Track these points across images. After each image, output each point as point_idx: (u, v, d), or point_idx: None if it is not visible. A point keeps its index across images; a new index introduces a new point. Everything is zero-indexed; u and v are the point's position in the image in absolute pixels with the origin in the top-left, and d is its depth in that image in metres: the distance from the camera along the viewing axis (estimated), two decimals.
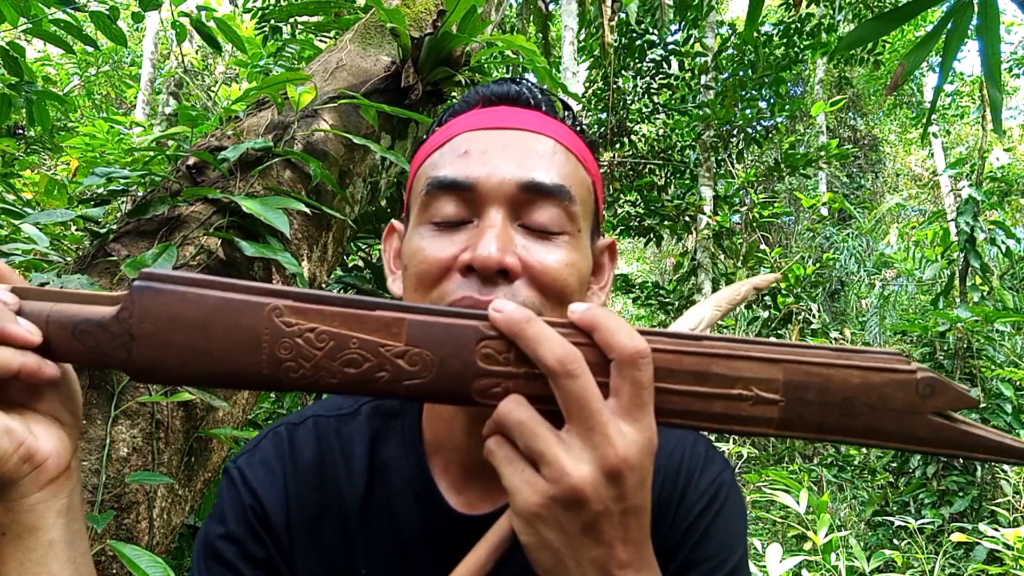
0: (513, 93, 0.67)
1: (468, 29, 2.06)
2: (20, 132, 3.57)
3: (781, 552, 2.70)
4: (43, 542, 0.50)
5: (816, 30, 7.58)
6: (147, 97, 7.89)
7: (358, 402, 0.73)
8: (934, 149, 14.17)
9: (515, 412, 0.46)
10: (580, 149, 0.67)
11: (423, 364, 0.47)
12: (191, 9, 2.62)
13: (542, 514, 0.46)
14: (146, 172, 1.79)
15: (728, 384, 0.47)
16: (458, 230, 0.60)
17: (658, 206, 7.62)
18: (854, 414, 0.46)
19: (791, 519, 4.12)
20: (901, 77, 1.41)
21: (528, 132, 0.64)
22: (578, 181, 0.64)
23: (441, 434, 0.68)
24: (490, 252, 0.56)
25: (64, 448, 0.51)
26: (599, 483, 0.45)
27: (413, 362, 0.47)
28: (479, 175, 0.60)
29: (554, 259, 0.59)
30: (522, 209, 0.60)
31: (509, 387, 0.47)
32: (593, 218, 0.67)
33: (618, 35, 7.57)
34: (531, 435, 0.45)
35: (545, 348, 0.45)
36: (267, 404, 2.64)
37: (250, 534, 0.66)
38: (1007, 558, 3.09)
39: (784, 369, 0.47)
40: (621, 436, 0.45)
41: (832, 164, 7.75)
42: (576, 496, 0.44)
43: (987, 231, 5.53)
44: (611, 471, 0.45)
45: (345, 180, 2.08)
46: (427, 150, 0.67)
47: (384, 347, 0.46)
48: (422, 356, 0.47)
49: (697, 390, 0.47)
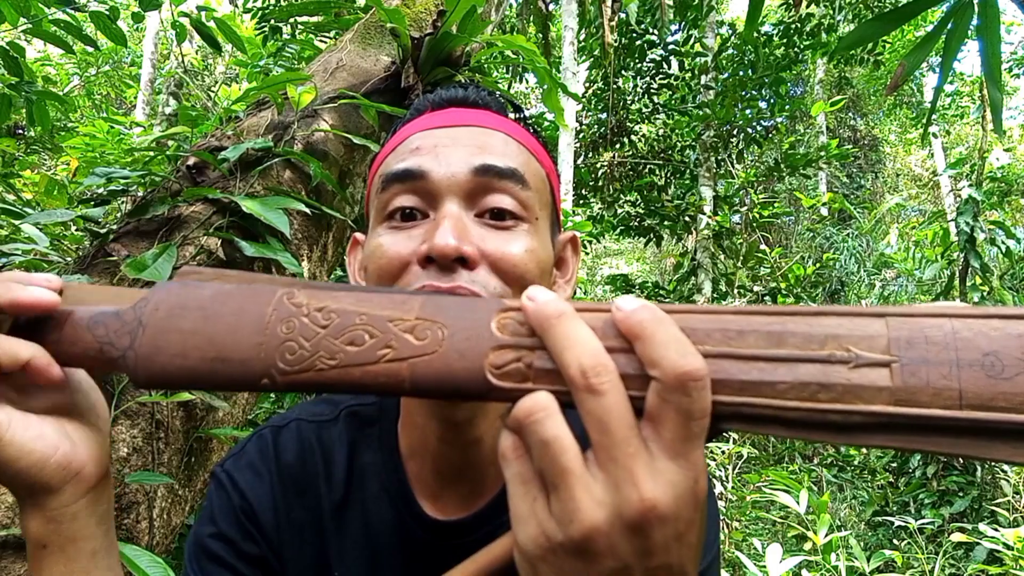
0: (461, 96, 0.68)
1: (468, 29, 2.06)
2: (20, 132, 3.57)
3: (781, 552, 2.71)
4: (86, 552, 0.49)
5: (816, 30, 7.58)
6: (147, 97, 7.89)
7: (337, 408, 0.73)
8: (934, 149, 14.17)
9: (546, 426, 0.37)
10: (532, 144, 0.67)
11: (432, 337, 0.40)
12: (191, 9, 2.62)
13: (545, 557, 0.37)
14: (146, 172, 1.79)
15: (815, 344, 0.35)
16: (415, 225, 0.60)
17: (658, 206, 7.62)
18: (1005, 375, 0.33)
19: (791, 519, 4.12)
20: (901, 77, 1.41)
21: (478, 127, 0.64)
22: (531, 171, 0.64)
23: (415, 441, 0.68)
24: (447, 241, 0.55)
25: (102, 453, 0.50)
26: (615, 533, 0.35)
27: (422, 335, 0.41)
28: (431, 166, 0.60)
29: (513, 247, 0.59)
30: (476, 198, 0.60)
31: (532, 362, 0.38)
32: (551, 210, 0.67)
33: (618, 35, 7.57)
34: (553, 459, 0.36)
35: (571, 354, 0.37)
36: (267, 404, 2.64)
37: (242, 533, 0.67)
38: (1007, 558, 3.09)
39: (887, 323, 0.35)
40: (651, 476, 0.35)
41: (832, 164, 7.75)
42: (585, 545, 0.36)
43: (987, 231, 5.53)
44: (633, 520, 0.35)
45: (345, 180, 2.08)
46: (380, 158, 0.68)
47: (393, 321, 0.41)
48: (432, 328, 0.41)
49: (775, 353, 0.35)
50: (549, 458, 0.37)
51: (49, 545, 0.48)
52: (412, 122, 0.67)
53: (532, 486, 0.38)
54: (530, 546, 0.38)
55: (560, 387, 0.38)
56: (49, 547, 0.48)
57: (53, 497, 0.47)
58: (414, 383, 0.40)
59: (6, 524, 1.19)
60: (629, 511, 0.35)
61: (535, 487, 0.38)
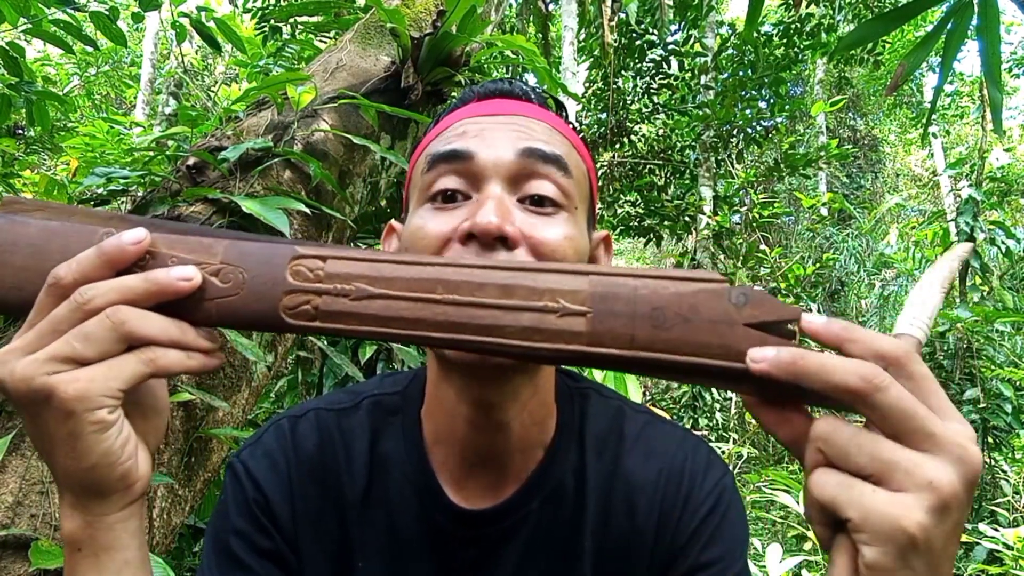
0: (507, 88, 0.69)
1: (468, 29, 2.06)
2: (20, 132, 3.57)
3: (781, 552, 2.70)
4: (118, 561, 0.50)
5: (816, 30, 7.58)
6: (147, 97, 7.89)
7: (358, 396, 0.73)
8: (934, 149, 14.17)
9: (840, 429, 0.40)
10: (574, 138, 0.69)
11: (234, 281, 0.47)
12: (191, 9, 2.62)
13: (916, 536, 0.38)
14: (146, 172, 1.79)
15: (535, 296, 0.45)
16: (457, 206, 0.61)
17: (658, 206, 7.62)
18: (665, 326, 0.43)
19: (791, 519, 4.12)
20: (901, 77, 1.41)
21: (524, 117, 0.65)
22: (573, 161, 0.65)
23: (441, 427, 0.68)
24: (490, 219, 0.56)
25: (150, 472, 0.51)
26: (961, 487, 0.39)
27: (226, 279, 0.47)
28: (477, 148, 0.62)
29: (552, 233, 0.60)
30: (520, 183, 0.61)
31: (318, 304, 0.46)
32: (588, 205, 0.68)
33: (618, 35, 7.57)
34: (872, 446, 0.39)
35: (840, 374, 0.40)
36: (267, 404, 2.64)
37: (256, 527, 0.66)
38: (1007, 558, 3.09)
39: (590, 281, 0.45)
40: (964, 434, 0.39)
41: (832, 164, 7.75)
42: (946, 502, 0.38)
43: (987, 231, 5.53)
44: (974, 474, 0.39)
45: (345, 180, 2.08)
46: (425, 143, 0.68)
47: (200, 265, 0.47)
48: (235, 272, 0.47)
49: (504, 303, 0.45)
50: (868, 444, 0.39)
51: (84, 549, 0.49)
52: (458, 110, 0.68)
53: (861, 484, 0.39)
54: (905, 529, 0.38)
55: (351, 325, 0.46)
56: (84, 551, 0.49)
57: (100, 503, 0.48)
58: (220, 319, 0.47)
59: (6, 524, 1.19)
60: (973, 466, 0.39)
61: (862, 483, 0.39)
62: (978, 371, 4.91)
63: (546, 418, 0.69)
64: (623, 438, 0.71)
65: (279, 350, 1.87)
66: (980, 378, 4.89)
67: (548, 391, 0.69)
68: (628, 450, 0.70)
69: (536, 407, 0.67)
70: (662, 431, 0.72)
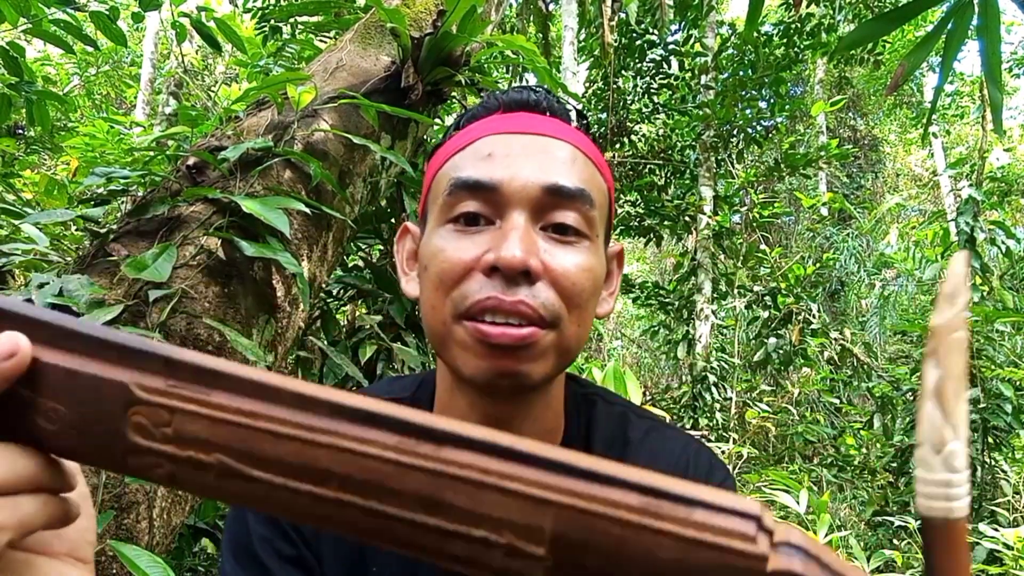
0: (532, 100, 0.69)
1: (468, 29, 2.06)
2: (20, 132, 3.57)
3: None
4: None
5: (816, 30, 7.58)
6: (147, 97, 7.90)
7: None
8: (934, 149, 14.16)
9: None
10: (597, 157, 0.69)
11: (61, 423, 0.34)
12: (191, 9, 2.62)
13: None
14: (146, 172, 1.79)
15: (471, 522, 0.30)
16: (480, 231, 0.61)
17: (658, 206, 7.62)
18: None
19: (791, 519, 4.12)
20: (901, 77, 1.41)
21: (550, 138, 0.65)
22: (596, 187, 0.65)
23: None
24: (515, 253, 0.57)
25: None
26: None
27: (50, 418, 0.34)
28: (503, 177, 0.61)
29: (573, 263, 0.61)
30: (544, 212, 0.62)
31: (175, 473, 0.33)
32: (607, 223, 0.69)
33: (618, 35, 7.58)
34: None
35: None
36: None
37: (279, 534, 0.67)
38: (1007, 558, 3.09)
39: (556, 516, 0.30)
40: None
41: (832, 164, 7.74)
42: None
43: (987, 231, 5.52)
44: None
45: (345, 180, 2.08)
46: (447, 152, 0.68)
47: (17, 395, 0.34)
48: (58, 413, 0.34)
49: (426, 521, 0.31)
50: None
51: None
52: (482, 121, 0.68)
53: None
54: None
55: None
56: None
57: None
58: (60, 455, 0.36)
59: None
60: None
61: None
62: (978, 371, 4.91)
63: (556, 426, 0.70)
64: (628, 443, 0.72)
65: (279, 350, 1.87)
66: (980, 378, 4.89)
67: (559, 399, 0.70)
68: (632, 455, 0.71)
69: (547, 417, 0.68)
70: (665, 436, 0.74)
